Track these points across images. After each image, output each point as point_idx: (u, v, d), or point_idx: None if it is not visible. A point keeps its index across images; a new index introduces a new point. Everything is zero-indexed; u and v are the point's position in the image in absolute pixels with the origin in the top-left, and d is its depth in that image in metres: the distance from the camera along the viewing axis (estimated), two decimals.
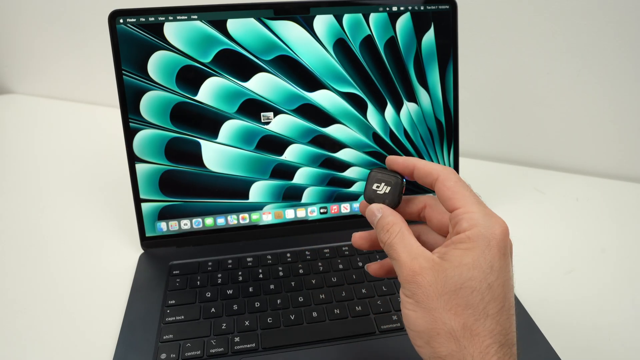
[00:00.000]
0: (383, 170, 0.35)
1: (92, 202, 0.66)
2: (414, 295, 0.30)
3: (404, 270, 0.30)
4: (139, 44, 0.50)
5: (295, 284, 0.49)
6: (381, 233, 0.33)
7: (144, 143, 0.52)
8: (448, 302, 0.28)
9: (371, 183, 0.35)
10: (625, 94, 0.69)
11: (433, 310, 0.29)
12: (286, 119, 0.54)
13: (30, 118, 0.97)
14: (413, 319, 0.30)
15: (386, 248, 0.32)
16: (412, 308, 0.30)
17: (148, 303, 0.47)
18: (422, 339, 0.29)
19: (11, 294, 0.51)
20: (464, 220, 0.30)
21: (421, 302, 0.29)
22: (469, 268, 0.29)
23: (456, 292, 0.28)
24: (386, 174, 0.35)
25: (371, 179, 0.35)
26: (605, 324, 0.46)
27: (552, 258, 0.55)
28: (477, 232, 0.29)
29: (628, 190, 0.70)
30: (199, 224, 0.55)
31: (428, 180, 0.33)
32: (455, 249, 0.30)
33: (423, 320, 0.29)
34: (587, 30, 0.67)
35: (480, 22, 0.71)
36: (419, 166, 0.34)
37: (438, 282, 0.29)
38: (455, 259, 0.29)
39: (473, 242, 0.29)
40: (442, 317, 0.29)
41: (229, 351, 0.42)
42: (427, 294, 0.29)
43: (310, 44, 0.53)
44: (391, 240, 0.32)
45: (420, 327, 0.29)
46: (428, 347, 0.29)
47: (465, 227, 0.30)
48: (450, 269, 0.29)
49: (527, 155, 0.78)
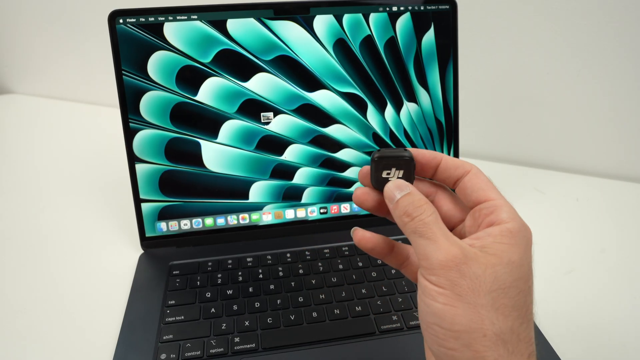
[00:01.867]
0: (387, 152, 0.30)
1: (92, 202, 0.66)
2: (455, 287, 0.25)
3: (441, 254, 0.26)
4: (139, 44, 0.50)
5: (295, 284, 0.49)
6: (410, 209, 0.28)
7: (143, 143, 0.52)
8: (496, 300, 0.25)
9: (379, 170, 0.30)
10: (625, 94, 0.69)
11: (480, 307, 0.25)
12: (286, 119, 0.54)
13: (30, 118, 0.97)
14: (451, 315, 0.25)
15: (415, 225, 0.27)
16: (449, 302, 0.25)
17: (148, 303, 0.47)
18: (461, 340, 0.25)
19: (11, 294, 0.51)
20: (503, 211, 0.28)
21: (464, 295, 0.25)
22: (517, 266, 0.26)
23: (505, 291, 0.25)
24: (393, 157, 0.30)
25: (377, 166, 0.30)
26: (605, 324, 0.46)
27: (552, 258, 0.55)
28: (518, 228, 0.27)
29: (628, 190, 0.70)
30: (199, 224, 0.55)
31: (457, 173, 0.30)
32: (500, 243, 0.26)
33: (466, 318, 0.25)
34: (587, 30, 0.67)
35: (480, 22, 0.71)
36: (447, 159, 0.31)
37: (487, 277, 0.25)
38: (504, 255, 0.26)
39: (516, 238, 0.27)
40: (490, 317, 0.25)
41: (229, 351, 0.42)
42: (473, 288, 0.25)
43: (310, 44, 0.53)
44: (426, 218, 0.27)
45: (460, 326, 0.25)
46: (468, 350, 0.24)
47: (505, 219, 0.27)
48: (499, 264, 0.26)
49: (527, 155, 0.78)
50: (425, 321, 0.26)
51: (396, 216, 0.28)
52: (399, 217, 0.28)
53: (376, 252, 0.32)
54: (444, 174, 0.31)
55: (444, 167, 0.31)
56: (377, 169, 0.30)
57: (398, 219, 0.28)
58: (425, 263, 0.26)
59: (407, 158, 0.30)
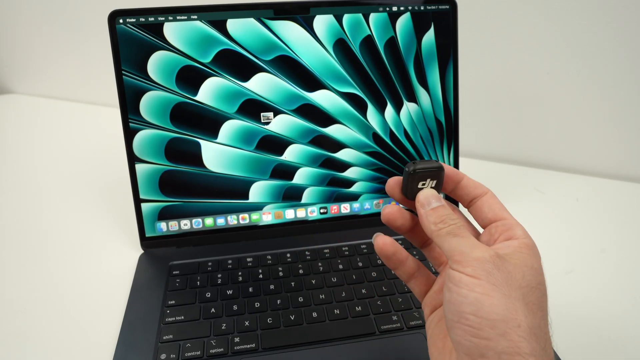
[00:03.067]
0: (420, 164, 0.32)
1: (92, 202, 0.66)
2: (490, 277, 0.26)
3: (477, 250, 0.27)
4: (139, 44, 0.50)
5: (295, 284, 0.49)
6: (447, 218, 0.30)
7: (143, 143, 0.52)
8: (525, 296, 0.26)
9: (415, 181, 0.32)
10: (625, 94, 0.69)
11: (512, 298, 0.26)
12: (286, 119, 0.54)
13: (30, 118, 0.97)
14: (488, 304, 0.25)
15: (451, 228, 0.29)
16: (486, 291, 0.25)
17: (148, 303, 0.47)
18: (497, 329, 0.25)
19: (11, 294, 0.51)
20: (518, 229, 0.30)
21: (498, 285, 0.26)
22: (539, 273, 0.28)
23: (532, 290, 0.27)
24: (427, 168, 0.31)
25: (414, 178, 0.31)
26: (606, 324, 0.46)
27: (552, 258, 0.55)
28: (533, 244, 0.29)
29: (628, 190, 0.70)
30: (199, 224, 0.55)
31: (477, 192, 0.33)
32: (521, 253, 0.28)
33: (502, 307, 0.25)
34: (587, 30, 0.67)
35: (480, 22, 0.71)
36: (468, 178, 0.33)
37: (517, 274, 0.27)
38: (527, 261, 0.28)
39: (531, 250, 0.29)
40: (522, 309, 0.26)
41: (229, 351, 0.42)
42: (506, 280, 0.26)
43: (310, 44, 0.53)
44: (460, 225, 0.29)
45: (497, 315, 0.25)
46: (503, 340, 0.24)
47: (521, 235, 0.30)
48: (524, 266, 0.27)
49: (527, 155, 0.78)
50: (458, 312, 0.26)
51: (431, 221, 0.30)
52: (434, 223, 0.30)
53: (395, 259, 0.34)
54: (463, 191, 0.33)
55: (465, 184, 0.33)
56: (413, 180, 0.32)
57: (432, 225, 0.30)
58: (460, 257, 0.27)
59: (440, 168, 0.32)
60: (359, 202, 0.58)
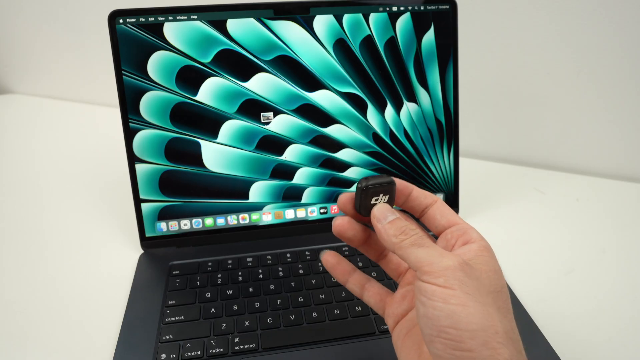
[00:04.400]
0: (372, 180, 0.32)
1: (92, 203, 0.66)
2: (463, 286, 0.25)
3: (446, 259, 0.27)
4: (139, 44, 0.50)
5: (295, 284, 0.49)
6: (407, 229, 0.29)
7: (143, 143, 0.52)
8: (495, 301, 0.27)
9: (368, 197, 0.32)
10: (625, 94, 0.69)
11: (486, 305, 0.25)
12: (286, 119, 0.54)
13: (30, 118, 0.97)
14: (465, 314, 0.25)
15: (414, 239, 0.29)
16: (462, 302, 0.25)
17: (148, 303, 0.47)
18: (477, 339, 0.24)
19: (11, 294, 0.51)
20: (473, 232, 0.31)
21: (472, 294, 0.25)
22: (501, 275, 0.29)
23: (499, 295, 0.27)
24: (379, 183, 0.32)
25: (366, 193, 0.32)
26: (606, 325, 0.46)
27: (552, 258, 0.55)
28: (488, 245, 0.30)
29: (628, 190, 0.70)
30: (199, 224, 0.55)
31: (426, 201, 0.33)
32: (482, 256, 0.29)
33: (479, 317, 0.25)
34: (587, 30, 0.67)
35: (480, 22, 0.71)
36: (417, 189, 0.33)
37: (484, 280, 0.27)
38: (489, 265, 0.28)
39: (491, 252, 0.30)
40: (496, 315, 0.25)
41: (229, 351, 0.42)
42: (477, 287, 0.26)
43: (310, 44, 0.53)
44: (422, 234, 0.29)
45: (475, 325, 0.24)
46: (485, 349, 0.24)
47: (476, 238, 0.30)
48: (489, 271, 0.28)
49: (527, 155, 0.78)
50: (436, 327, 0.25)
51: (390, 234, 0.30)
52: (394, 235, 0.30)
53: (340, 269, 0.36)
54: (414, 202, 0.33)
55: (415, 195, 0.33)
56: (366, 197, 0.32)
57: (392, 237, 0.30)
58: (429, 268, 0.27)
59: (391, 182, 0.32)
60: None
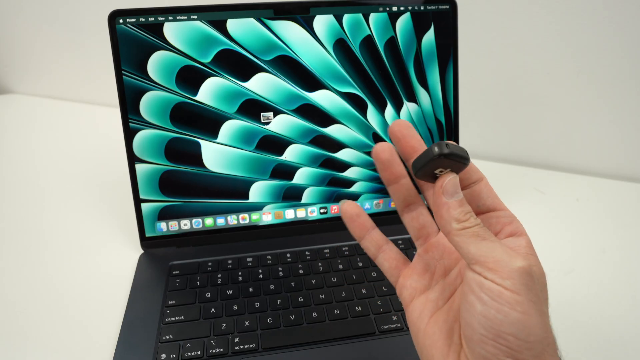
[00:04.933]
0: (452, 147, 0.26)
1: (91, 203, 0.66)
2: (529, 293, 0.23)
3: (514, 258, 0.24)
4: (139, 44, 0.50)
5: (295, 284, 0.49)
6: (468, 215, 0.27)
7: (143, 143, 0.52)
8: (547, 308, 0.25)
9: (434, 165, 0.27)
10: (625, 94, 0.69)
11: (545, 315, 0.24)
12: (286, 119, 0.54)
13: (30, 118, 0.97)
14: (528, 326, 0.23)
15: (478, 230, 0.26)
16: (526, 310, 0.23)
17: (148, 303, 0.47)
18: (534, 350, 0.23)
19: (11, 295, 0.51)
20: (518, 223, 0.29)
21: (535, 302, 0.24)
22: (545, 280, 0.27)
23: (547, 302, 0.26)
24: (459, 156, 0.27)
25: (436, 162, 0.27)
26: (606, 325, 0.46)
27: (552, 258, 0.55)
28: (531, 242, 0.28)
29: (628, 190, 0.70)
30: (199, 224, 0.55)
31: (475, 176, 0.30)
32: (532, 255, 0.27)
33: (540, 328, 0.23)
34: (587, 30, 0.67)
35: (480, 22, 0.71)
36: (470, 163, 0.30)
37: (541, 284, 0.25)
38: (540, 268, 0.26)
39: (535, 251, 0.27)
40: (549, 325, 0.24)
41: (229, 351, 0.42)
42: (537, 295, 0.24)
43: (310, 44, 0.53)
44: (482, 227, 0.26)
45: (535, 337, 0.23)
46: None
47: (522, 231, 0.28)
48: (542, 276, 0.26)
49: (527, 155, 0.78)
50: (495, 330, 0.24)
51: (453, 217, 0.27)
52: (456, 220, 0.26)
53: (359, 222, 0.32)
54: (464, 175, 0.30)
55: (467, 168, 0.30)
56: (433, 164, 0.27)
57: (454, 222, 0.27)
58: (495, 266, 0.24)
59: (467, 162, 0.28)
60: (359, 202, 0.58)
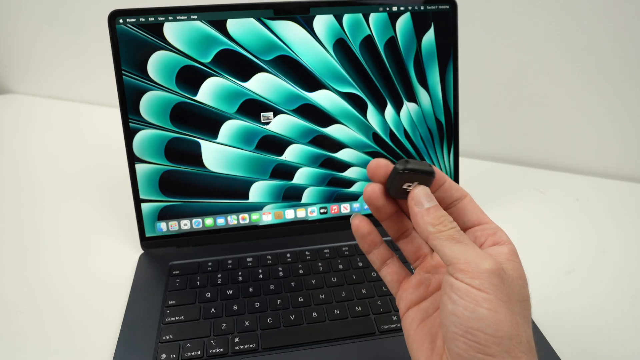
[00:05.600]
0: (412, 163, 0.29)
1: (91, 203, 0.66)
2: (498, 292, 0.25)
3: (485, 260, 0.26)
4: (139, 44, 0.50)
5: (295, 284, 0.49)
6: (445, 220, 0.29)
7: (143, 143, 0.52)
8: (522, 309, 0.26)
9: (402, 180, 0.30)
10: (625, 94, 0.69)
11: (515, 314, 0.26)
12: (286, 119, 0.54)
13: (30, 118, 0.97)
14: (495, 321, 0.25)
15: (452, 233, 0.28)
16: (493, 307, 0.25)
17: (148, 303, 0.47)
18: (502, 346, 0.25)
19: (11, 294, 0.51)
20: (503, 233, 0.30)
21: (504, 301, 0.25)
22: (526, 283, 0.28)
23: (524, 304, 0.27)
24: (419, 170, 0.29)
25: (402, 177, 0.30)
26: (606, 325, 0.46)
27: (552, 258, 0.55)
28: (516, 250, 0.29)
29: (628, 190, 0.70)
30: (199, 224, 0.55)
31: (457, 194, 0.32)
32: (512, 261, 0.28)
33: (508, 325, 0.25)
34: (587, 30, 0.67)
35: (480, 22, 0.71)
36: (450, 181, 0.32)
37: (515, 287, 0.27)
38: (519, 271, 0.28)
39: (518, 259, 0.29)
40: (522, 324, 0.26)
41: (229, 351, 0.42)
42: (509, 295, 0.26)
43: (310, 44, 0.53)
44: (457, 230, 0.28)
45: (503, 332, 0.25)
46: (508, 356, 0.25)
47: (506, 240, 0.30)
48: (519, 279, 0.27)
49: (527, 155, 0.78)
50: (463, 327, 0.25)
51: (427, 222, 0.29)
52: (431, 224, 0.28)
53: (369, 239, 0.33)
54: (445, 193, 0.32)
55: (448, 187, 0.32)
56: (401, 179, 0.30)
57: (429, 226, 0.29)
58: (465, 266, 0.26)
59: (432, 174, 0.30)
60: (359, 202, 0.58)
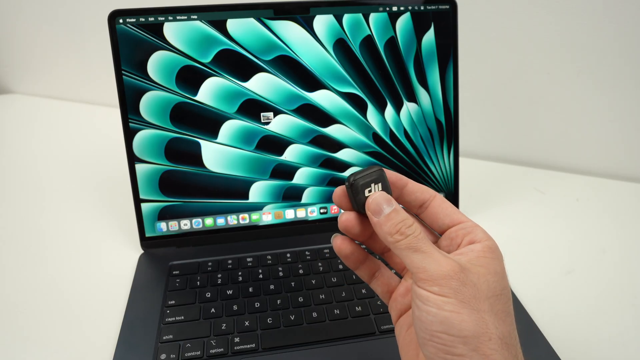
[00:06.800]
0: (357, 173, 0.30)
1: (91, 203, 0.66)
2: (458, 294, 0.26)
3: (441, 266, 0.27)
4: (139, 44, 0.50)
5: (295, 284, 0.49)
6: (402, 227, 0.28)
7: (143, 143, 0.52)
8: (493, 306, 0.27)
9: (359, 192, 0.30)
10: (625, 94, 0.69)
11: (482, 312, 0.26)
12: (286, 119, 0.54)
13: (30, 118, 0.97)
14: (458, 321, 0.26)
15: (409, 242, 0.28)
16: (455, 309, 0.26)
17: (148, 303, 0.47)
18: (469, 345, 0.25)
19: (11, 294, 0.51)
20: (479, 231, 0.30)
21: (467, 302, 0.26)
22: (502, 277, 0.28)
23: (498, 298, 0.27)
24: (366, 175, 0.30)
25: (356, 189, 0.30)
26: (606, 325, 0.46)
27: (552, 258, 0.55)
28: (495, 245, 0.29)
29: (628, 190, 0.70)
30: (199, 224, 0.55)
31: (423, 196, 0.32)
32: (484, 257, 0.28)
33: (472, 323, 0.26)
34: (587, 30, 0.67)
35: (481, 22, 0.71)
36: (412, 183, 0.32)
37: (482, 284, 0.27)
38: (489, 266, 0.28)
39: (495, 253, 0.29)
40: (492, 321, 0.26)
41: (229, 351, 0.42)
42: (473, 294, 0.26)
43: (310, 44, 0.53)
44: (418, 235, 0.28)
45: (468, 332, 0.25)
46: (476, 354, 0.25)
47: (482, 238, 0.29)
48: (488, 274, 0.28)
49: (527, 155, 0.78)
50: (429, 331, 0.26)
51: (386, 231, 0.29)
52: (389, 233, 0.28)
53: (353, 259, 0.33)
54: (410, 197, 0.32)
55: (411, 189, 0.32)
56: (357, 192, 0.30)
57: (387, 235, 0.29)
58: (424, 275, 0.27)
59: (378, 170, 0.30)
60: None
